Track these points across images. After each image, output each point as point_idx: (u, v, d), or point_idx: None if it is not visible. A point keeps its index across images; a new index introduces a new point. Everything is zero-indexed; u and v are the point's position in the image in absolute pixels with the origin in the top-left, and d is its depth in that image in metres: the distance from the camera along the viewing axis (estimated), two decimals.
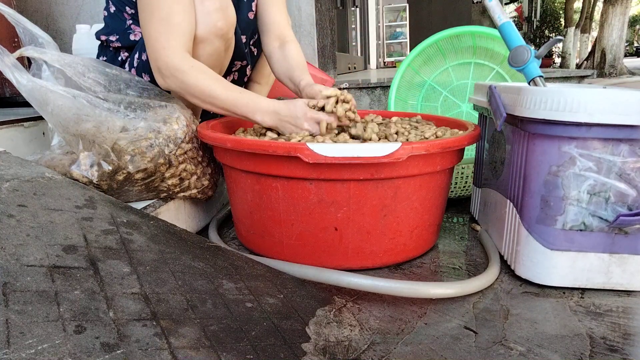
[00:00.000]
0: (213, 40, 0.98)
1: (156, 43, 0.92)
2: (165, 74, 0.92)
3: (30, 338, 0.44)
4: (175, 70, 0.91)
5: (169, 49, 0.91)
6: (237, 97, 0.94)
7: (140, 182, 0.89)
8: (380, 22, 7.82)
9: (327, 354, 0.61)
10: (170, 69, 0.91)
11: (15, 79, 0.80)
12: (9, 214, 0.61)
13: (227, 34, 1.00)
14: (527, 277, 0.82)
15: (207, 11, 0.95)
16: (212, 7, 0.95)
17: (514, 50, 0.92)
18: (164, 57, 0.91)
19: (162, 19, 0.91)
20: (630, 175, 0.74)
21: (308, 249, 0.87)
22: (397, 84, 1.50)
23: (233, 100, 0.94)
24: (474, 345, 0.65)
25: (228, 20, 0.98)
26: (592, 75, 2.29)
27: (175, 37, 0.91)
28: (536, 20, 13.46)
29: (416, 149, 0.78)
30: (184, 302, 0.59)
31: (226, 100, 0.93)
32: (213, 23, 0.96)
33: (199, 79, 0.92)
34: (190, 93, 0.93)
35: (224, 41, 1.01)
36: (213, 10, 0.95)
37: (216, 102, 0.94)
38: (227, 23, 0.98)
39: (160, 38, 0.91)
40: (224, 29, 0.98)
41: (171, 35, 0.91)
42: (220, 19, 0.96)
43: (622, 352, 0.63)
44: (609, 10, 7.85)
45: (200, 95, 0.93)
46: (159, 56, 0.92)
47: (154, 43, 0.92)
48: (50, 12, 2.19)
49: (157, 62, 0.92)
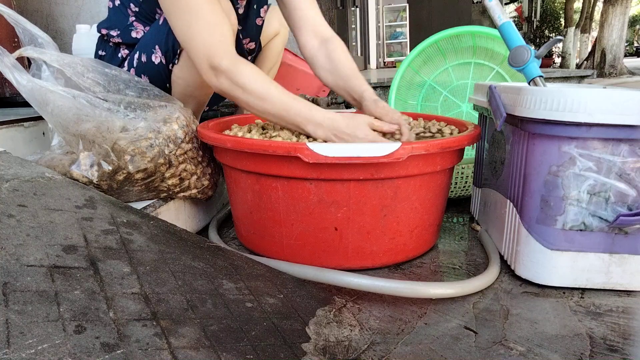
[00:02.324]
0: None
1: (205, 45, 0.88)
2: (210, 77, 0.89)
3: (30, 338, 0.44)
4: (228, 71, 0.88)
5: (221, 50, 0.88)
6: (291, 102, 0.89)
7: (140, 182, 0.89)
8: (380, 22, 7.82)
9: (327, 354, 0.61)
10: (224, 69, 0.88)
11: (15, 79, 0.80)
12: (9, 214, 0.61)
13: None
14: (527, 277, 0.82)
15: None
16: None
17: (514, 50, 0.92)
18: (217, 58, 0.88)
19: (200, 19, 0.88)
20: (630, 175, 0.74)
21: (308, 249, 0.87)
22: (397, 84, 1.50)
23: (286, 105, 0.89)
24: (474, 345, 0.65)
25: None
26: (592, 75, 2.29)
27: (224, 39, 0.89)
28: (536, 20, 13.46)
29: (416, 149, 0.78)
30: (184, 302, 0.59)
31: (279, 103, 0.89)
32: None
33: (252, 80, 0.88)
34: (240, 94, 0.89)
35: None
36: None
37: (267, 105, 0.89)
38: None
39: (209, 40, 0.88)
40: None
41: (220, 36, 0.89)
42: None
43: (622, 352, 0.63)
44: (609, 10, 7.85)
45: (253, 97, 0.88)
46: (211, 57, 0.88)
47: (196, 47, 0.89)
48: (50, 12, 2.19)
49: (202, 65, 0.89)
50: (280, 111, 0.89)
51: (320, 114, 0.89)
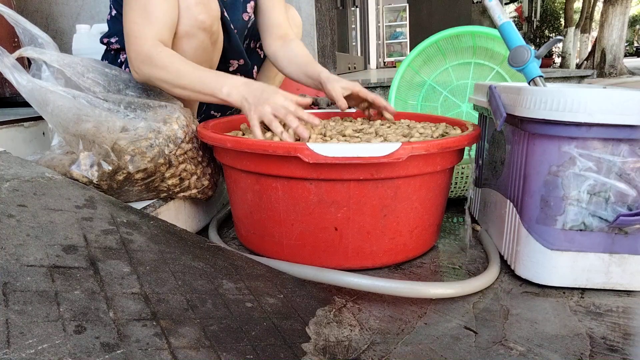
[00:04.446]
0: (197, 33, 0.97)
1: (130, 32, 0.91)
2: (135, 64, 0.91)
3: (30, 338, 0.44)
4: (144, 56, 0.89)
5: (141, 37, 0.90)
6: (206, 73, 0.91)
7: (140, 182, 0.89)
8: (380, 22, 7.82)
9: (327, 354, 0.61)
10: (140, 56, 0.90)
11: (15, 80, 0.80)
12: (9, 214, 0.61)
13: (211, 26, 0.99)
14: (527, 277, 0.82)
15: (187, 5, 0.94)
16: (192, 0, 0.95)
17: (514, 50, 0.92)
18: (135, 45, 0.90)
19: (139, 9, 0.90)
20: (630, 175, 0.74)
21: (308, 249, 0.87)
22: (397, 84, 1.50)
23: (199, 77, 0.91)
24: (474, 345, 0.65)
25: (210, 13, 0.98)
26: (592, 75, 2.29)
27: (150, 27, 0.90)
28: (536, 20, 13.45)
29: (416, 149, 0.78)
30: (184, 302, 0.59)
31: (192, 77, 0.90)
32: (194, 16, 0.95)
33: (166, 62, 0.90)
34: (158, 77, 0.91)
35: (209, 34, 1.00)
36: (194, 3, 0.95)
37: (184, 82, 0.90)
38: (210, 16, 0.98)
39: (135, 27, 0.90)
40: (207, 21, 0.97)
41: (146, 25, 0.90)
42: (201, 12, 0.96)
43: (622, 352, 0.63)
44: (609, 10, 7.85)
45: (167, 77, 0.90)
46: (130, 45, 0.91)
47: (128, 34, 0.91)
48: (50, 12, 2.19)
49: (129, 52, 0.91)
50: (195, 84, 0.91)
51: (236, 77, 0.92)
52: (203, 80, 0.90)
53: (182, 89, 0.92)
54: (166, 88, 0.93)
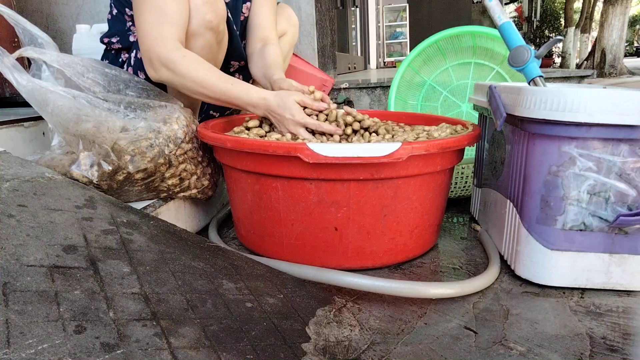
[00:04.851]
0: (204, 33, 0.98)
1: (148, 34, 0.91)
2: (156, 65, 0.92)
3: (30, 338, 0.44)
4: (167, 60, 0.91)
5: (161, 39, 0.90)
6: (229, 89, 0.95)
7: (140, 182, 0.89)
8: (380, 22, 7.82)
9: (327, 354, 0.61)
10: (162, 59, 0.91)
11: (15, 80, 0.80)
12: (9, 214, 0.61)
13: (218, 26, 1.00)
14: (527, 277, 0.82)
15: (196, 5, 0.95)
16: (200, 0, 0.95)
17: (514, 50, 0.92)
18: (155, 47, 0.90)
19: (154, 10, 0.91)
20: (630, 175, 0.74)
21: (308, 249, 0.87)
22: (397, 84, 1.50)
23: (224, 91, 0.95)
24: (474, 345, 0.65)
25: (217, 12, 0.99)
26: (592, 75, 2.29)
27: (168, 28, 0.91)
28: (536, 20, 13.45)
29: (416, 149, 0.78)
30: (184, 302, 0.59)
31: (218, 90, 0.94)
32: (202, 16, 0.96)
33: (191, 68, 0.92)
34: (181, 83, 0.93)
35: (215, 34, 1.01)
36: (201, 3, 0.95)
37: (208, 92, 0.94)
38: (217, 16, 0.99)
39: (153, 29, 0.91)
40: (214, 21, 0.98)
41: (164, 25, 0.91)
42: (208, 12, 0.97)
43: (622, 352, 0.63)
44: (609, 10, 7.85)
45: (192, 84, 0.93)
46: (151, 47, 0.91)
47: (145, 34, 0.92)
48: (50, 12, 2.19)
49: (149, 53, 0.92)
50: (219, 96, 0.96)
51: (256, 95, 0.95)
52: (228, 94, 0.95)
53: (205, 96, 0.96)
54: (188, 92, 0.96)
